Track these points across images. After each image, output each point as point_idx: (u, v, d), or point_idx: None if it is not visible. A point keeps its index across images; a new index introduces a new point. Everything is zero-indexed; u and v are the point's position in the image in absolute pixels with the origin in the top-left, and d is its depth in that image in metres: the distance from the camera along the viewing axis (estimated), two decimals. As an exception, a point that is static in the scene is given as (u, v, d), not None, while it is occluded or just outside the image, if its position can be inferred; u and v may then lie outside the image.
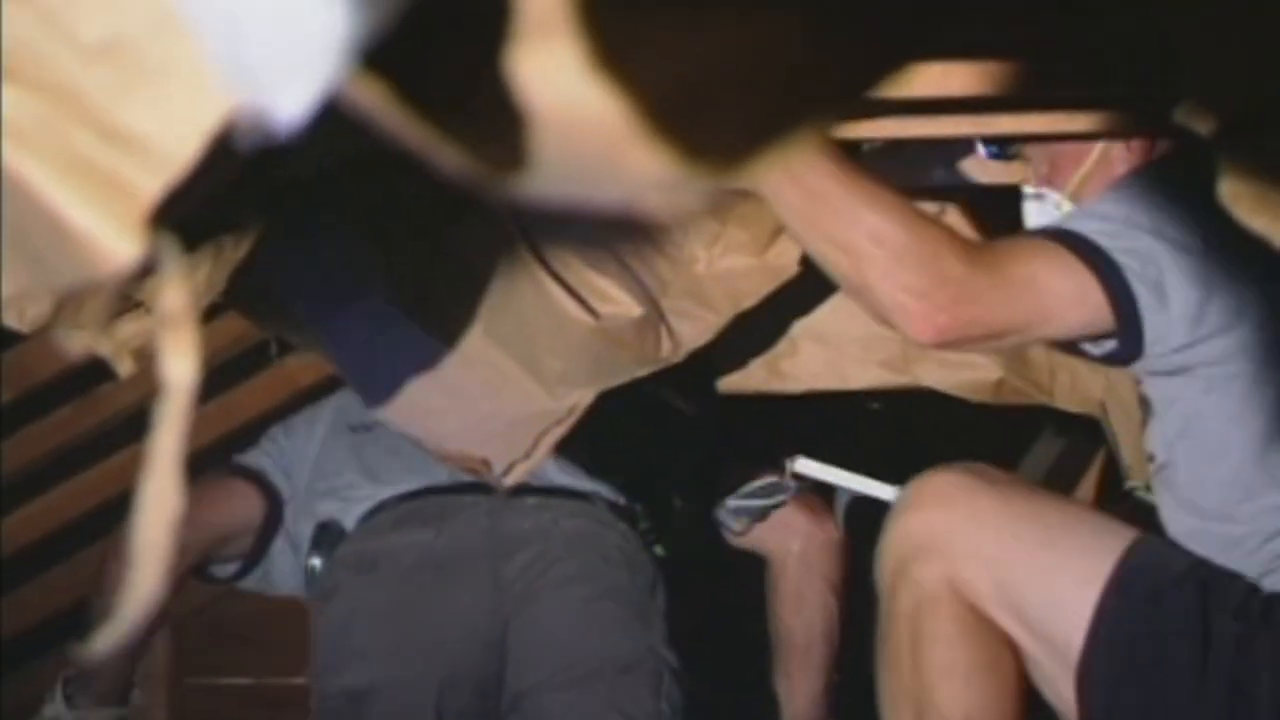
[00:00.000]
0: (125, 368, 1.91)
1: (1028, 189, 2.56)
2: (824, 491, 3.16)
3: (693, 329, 2.67)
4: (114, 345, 1.87)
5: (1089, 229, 2.24)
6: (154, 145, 0.77)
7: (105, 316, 1.83)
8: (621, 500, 3.11)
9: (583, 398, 2.68)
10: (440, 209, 2.51)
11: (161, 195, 0.78)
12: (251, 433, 3.78)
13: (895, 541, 2.27)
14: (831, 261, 2.11)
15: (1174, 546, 2.29)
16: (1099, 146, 2.47)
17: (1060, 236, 2.26)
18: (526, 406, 2.69)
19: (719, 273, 2.65)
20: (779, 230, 2.68)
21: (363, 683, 2.88)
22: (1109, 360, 2.32)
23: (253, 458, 3.31)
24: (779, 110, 0.89)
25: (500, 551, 2.93)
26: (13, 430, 3.53)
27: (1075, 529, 2.27)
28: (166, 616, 3.23)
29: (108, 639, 0.78)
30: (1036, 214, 2.50)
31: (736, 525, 2.94)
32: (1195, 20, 1.10)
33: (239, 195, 1.62)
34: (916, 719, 2.18)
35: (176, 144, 0.77)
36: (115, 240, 0.79)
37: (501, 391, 2.64)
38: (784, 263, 2.66)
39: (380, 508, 3.05)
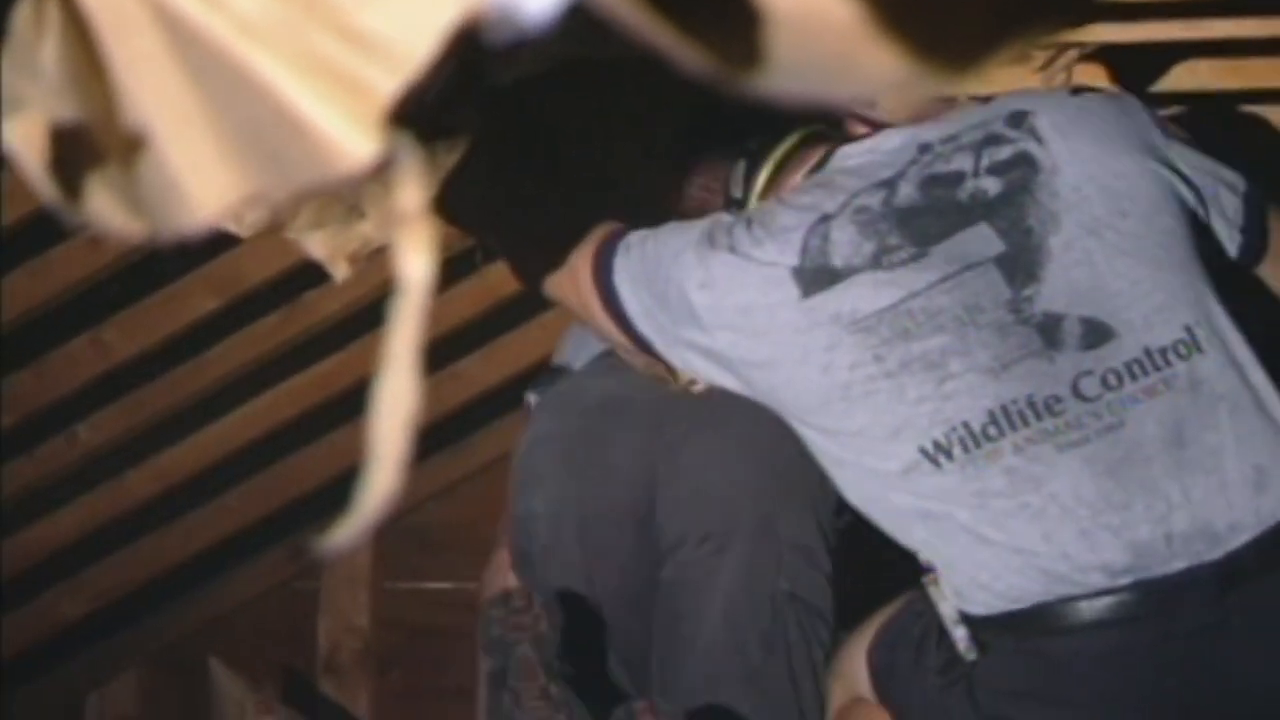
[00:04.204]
0: (341, 272, 1.93)
1: None
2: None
3: None
4: (331, 249, 1.89)
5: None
6: (392, 45, 0.78)
7: (331, 219, 1.84)
8: None
9: None
10: (646, 115, 2.51)
11: (399, 95, 0.78)
12: (452, 342, 3.82)
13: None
14: None
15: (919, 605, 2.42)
16: None
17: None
18: None
19: None
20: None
21: (531, 507, 2.97)
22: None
23: None
24: (1009, 13, 0.88)
25: (663, 406, 2.92)
26: (221, 338, 3.60)
27: (873, 622, 2.54)
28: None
29: (347, 533, 0.80)
30: None
31: None
32: None
33: (454, 98, 1.62)
34: None
35: (414, 43, 0.78)
36: (353, 139, 0.80)
37: None
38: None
39: (594, 360, 3.10)
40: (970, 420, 2.18)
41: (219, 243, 3.01)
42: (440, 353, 3.83)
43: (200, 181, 0.84)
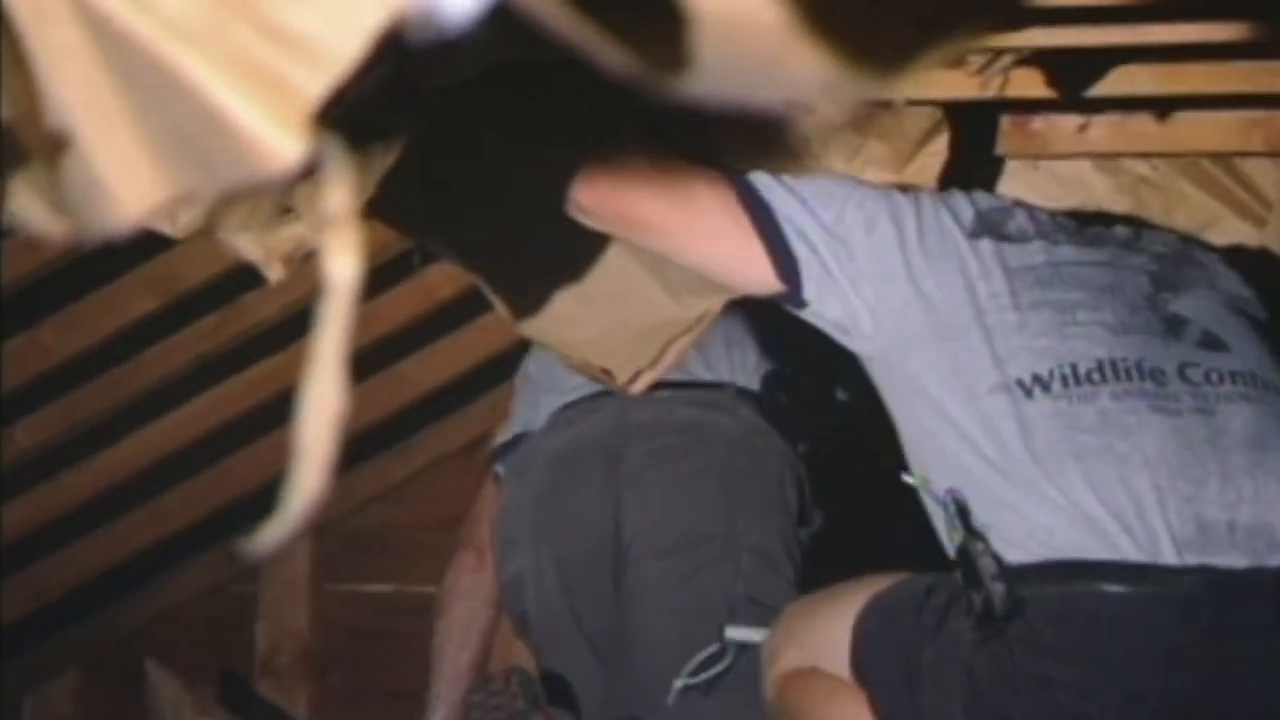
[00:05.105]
0: (275, 274, 1.92)
1: None
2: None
3: None
4: (265, 251, 1.88)
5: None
6: (318, 45, 0.78)
7: (262, 220, 1.84)
8: (755, 388, 3.21)
9: (712, 306, 2.70)
10: (580, 120, 2.51)
11: (326, 95, 0.78)
12: (392, 344, 3.81)
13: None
14: None
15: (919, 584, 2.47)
16: None
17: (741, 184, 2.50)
18: (654, 315, 2.72)
19: None
20: (919, 145, 2.66)
21: (515, 570, 3.13)
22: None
23: None
24: (936, 16, 0.88)
25: (621, 442, 3.09)
26: (159, 339, 3.58)
27: (856, 594, 2.55)
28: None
29: (274, 534, 0.79)
30: None
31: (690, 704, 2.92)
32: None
33: (390, 101, 1.62)
34: None
35: (340, 43, 0.77)
36: (280, 140, 0.79)
37: (630, 300, 2.67)
38: (924, 179, 2.63)
39: (551, 416, 3.22)
40: (1079, 363, 2.34)
41: (157, 243, 2.99)
42: (380, 355, 3.83)
43: (125, 181, 0.83)
